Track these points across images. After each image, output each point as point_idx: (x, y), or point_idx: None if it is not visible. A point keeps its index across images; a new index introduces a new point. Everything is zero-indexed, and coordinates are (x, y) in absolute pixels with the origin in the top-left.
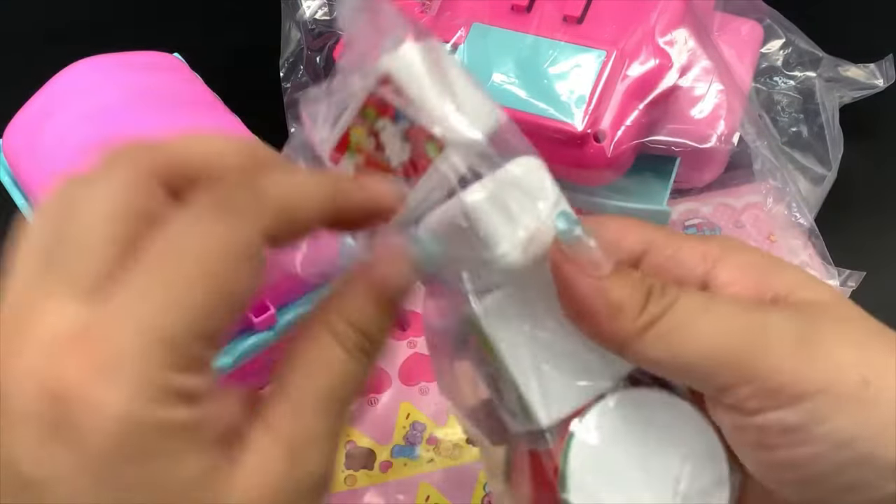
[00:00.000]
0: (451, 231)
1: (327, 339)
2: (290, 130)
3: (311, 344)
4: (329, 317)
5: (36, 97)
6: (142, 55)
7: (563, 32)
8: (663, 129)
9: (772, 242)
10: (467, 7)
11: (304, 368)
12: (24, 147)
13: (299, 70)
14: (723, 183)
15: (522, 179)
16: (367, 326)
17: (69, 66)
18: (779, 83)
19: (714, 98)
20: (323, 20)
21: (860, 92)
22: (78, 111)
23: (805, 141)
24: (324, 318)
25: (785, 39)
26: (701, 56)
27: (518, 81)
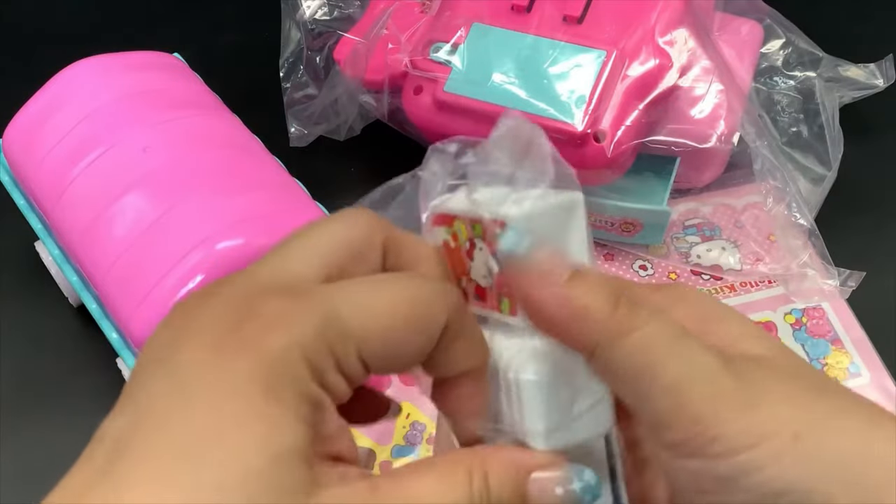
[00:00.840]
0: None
1: (461, 476)
2: (290, 130)
3: (447, 466)
4: (473, 462)
5: (36, 97)
6: (142, 55)
7: (563, 32)
8: (663, 129)
9: (772, 242)
10: (467, 7)
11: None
12: (24, 147)
13: (299, 70)
14: (723, 183)
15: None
16: (497, 494)
17: (69, 66)
18: (779, 83)
19: (714, 98)
20: (323, 20)
21: (860, 92)
22: (78, 111)
23: (805, 141)
24: (466, 459)
25: (785, 39)
26: (701, 56)
27: (518, 81)
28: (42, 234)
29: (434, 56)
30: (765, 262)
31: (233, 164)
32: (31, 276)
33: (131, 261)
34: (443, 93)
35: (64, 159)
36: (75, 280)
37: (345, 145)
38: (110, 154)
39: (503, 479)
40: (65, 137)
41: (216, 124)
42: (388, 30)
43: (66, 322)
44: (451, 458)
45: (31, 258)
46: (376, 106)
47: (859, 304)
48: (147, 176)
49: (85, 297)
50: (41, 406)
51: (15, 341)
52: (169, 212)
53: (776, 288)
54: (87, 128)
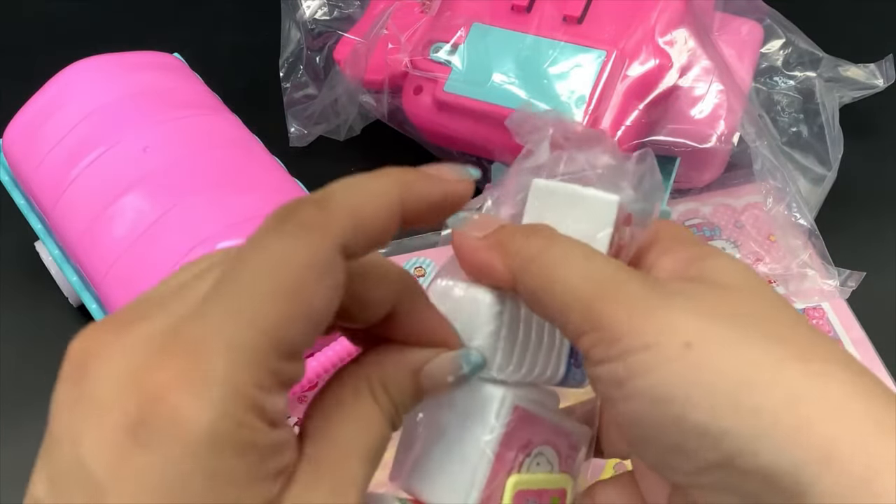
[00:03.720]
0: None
1: (368, 400)
2: (290, 130)
3: (354, 398)
4: (371, 379)
5: (36, 97)
6: (142, 55)
7: (563, 32)
8: (663, 129)
9: (772, 242)
10: (467, 7)
11: (353, 422)
12: (24, 147)
13: (299, 70)
14: (723, 183)
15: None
16: (401, 401)
17: (69, 66)
18: (779, 83)
19: (714, 98)
20: (323, 20)
21: (860, 92)
22: (78, 111)
23: (805, 141)
24: (365, 377)
25: (785, 39)
26: (701, 56)
27: (518, 81)
28: (42, 234)
29: (434, 56)
30: (765, 262)
31: (233, 164)
32: (31, 276)
33: (131, 261)
34: (443, 93)
35: (64, 159)
36: (75, 280)
37: (345, 145)
38: (110, 154)
39: (402, 385)
40: (65, 137)
41: (216, 124)
42: (388, 30)
43: (66, 322)
44: (351, 387)
45: (31, 258)
46: (376, 106)
47: (859, 304)
48: (147, 176)
49: (85, 297)
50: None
51: (15, 341)
52: (169, 212)
53: (776, 288)
54: (87, 128)
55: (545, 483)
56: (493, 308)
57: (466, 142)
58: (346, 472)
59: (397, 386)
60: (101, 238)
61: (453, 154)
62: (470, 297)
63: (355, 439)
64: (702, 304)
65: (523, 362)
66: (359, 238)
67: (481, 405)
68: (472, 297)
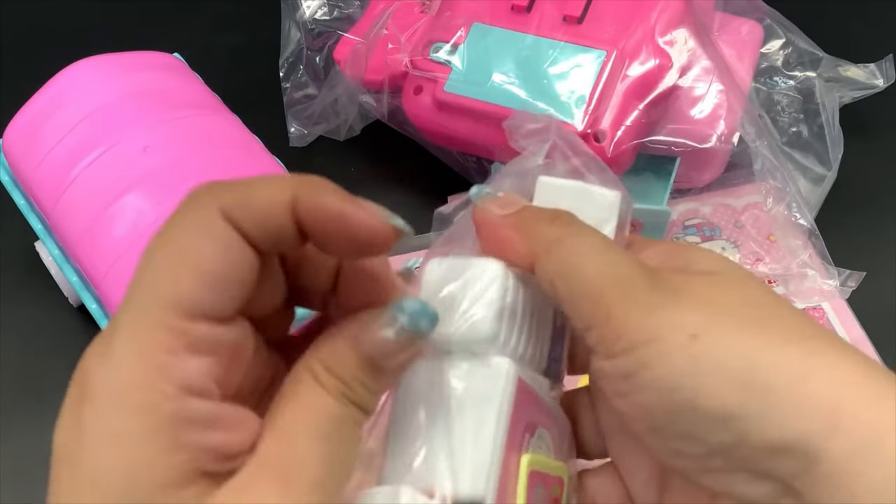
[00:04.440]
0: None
1: (310, 383)
2: (290, 130)
3: (294, 385)
4: (310, 362)
5: (36, 97)
6: (142, 55)
7: (563, 32)
8: (663, 129)
9: (772, 242)
10: (467, 7)
11: (294, 405)
12: (24, 147)
13: (299, 70)
14: (723, 183)
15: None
16: (350, 375)
17: (69, 66)
18: (779, 83)
19: (714, 98)
20: (323, 20)
21: (860, 92)
22: (78, 111)
23: (805, 141)
24: (304, 362)
25: (785, 39)
26: (701, 56)
27: (518, 81)
28: (42, 234)
29: (434, 56)
30: (765, 262)
31: (233, 164)
32: (31, 276)
33: (131, 261)
34: (443, 93)
35: (64, 159)
36: (75, 280)
37: (345, 145)
38: (110, 154)
39: (344, 359)
40: (65, 137)
41: (216, 124)
42: (388, 30)
43: (66, 322)
44: (292, 376)
45: (31, 258)
46: (376, 106)
47: (859, 304)
48: (147, 176)
49: (85, 297)
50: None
51: (15, 341)
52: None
53: (776, 288)
54: (87, 128)
55: (549, 467)
56: (504, 279)
57: (466, 142)
58: (293, 453)
59: (339, 361)
60: (101, 238)
61: (453, 154)
62: (480, 267)
63: (299, 422)
64: (700, 296)
65: (520, 342)
66: (245, 213)
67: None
68: (482, 267)
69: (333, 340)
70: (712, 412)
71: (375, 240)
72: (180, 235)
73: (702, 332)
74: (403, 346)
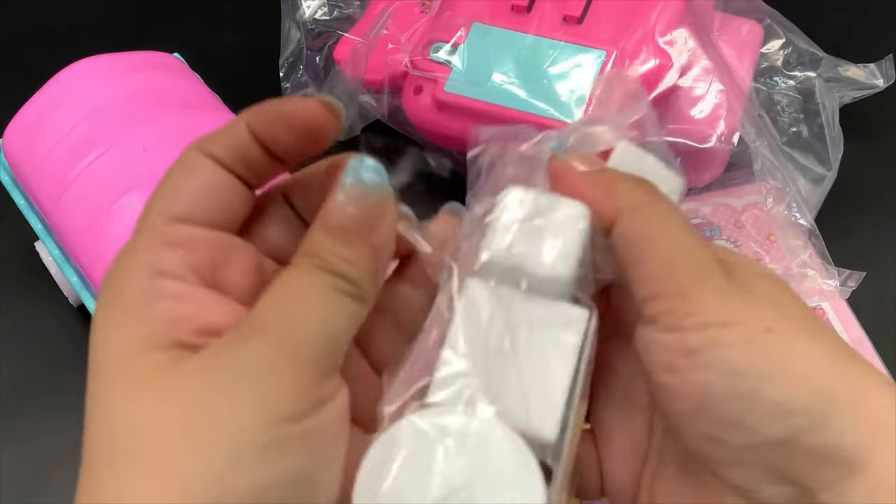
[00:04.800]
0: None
1: (289, 269)
2: None
3: (279, 276)
4: (292, 259)
5: (36, 97)
6: (142, 55)
7: (563, 32)
8: (663, 129)
9: (772, 242)
10: (467, 7)
11: (272, 288)
12: (24, 147)
13: (299, 70)
14: (723, 183)
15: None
16: (318, 251)
17: (69, 66)
18: (779, 83)
19: (714, 98)
20: (323, 20)
21: (860, 92)
22: (78, 111)
23: (805, 141)
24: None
25: (785, 39)
26: (701, 56)
27: (518, 81)
28: (42, 234)
29: (434, 56)
30: (765, 262)
31: None
32: (31, 276)
33: None
34: (443, 93)
35: (64, 159)
36: (75, 280)
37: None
38: (110, 154)
39: (314, 240)
40: (65, 137)
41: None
42: (388, 30)
43: (66, 322)
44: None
45: (31, 258)
46: (376, 106)
47: (859, 304)
48: (147, 176)
49: (85, 297)
50: (41, 406)
51: (15, 341)
52: None
53: None
54: (87, 128)
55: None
56: (589, 224)
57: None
58: (278, 313)
59: (310, 242)
60: (101, 238)
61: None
62: (568, 207)
63: (278, 294)
64: (767, 296)
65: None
66: (213, 142)
67: (571, 325)
68: (571, 208)
69: (307, 232)
70: (773, 404)
71: (314, 120)
72: (170, 172)
73: (775, 328)
74: (360, 204)
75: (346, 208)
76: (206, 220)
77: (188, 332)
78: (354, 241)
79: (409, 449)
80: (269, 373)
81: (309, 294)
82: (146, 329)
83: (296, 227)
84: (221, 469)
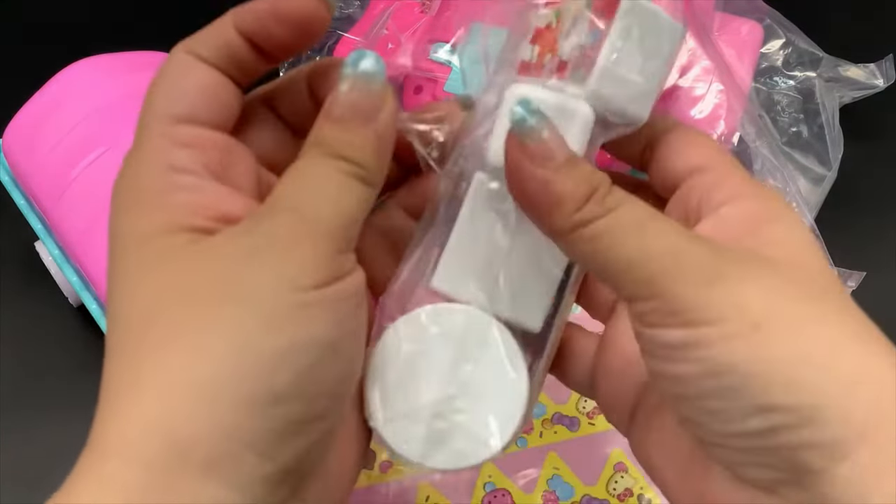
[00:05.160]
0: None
1: (297, 161)
2: None
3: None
4: (305, 149)
5: (36, 97)
6: (142, 55)
7: None
8: None
9: None
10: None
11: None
12: (24, 147)
13: None
14: None
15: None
16: (323, 138)
17: (69, 66)
18: (779, 83)
19: (714, 98)
20: None
21: (860, 92)
22: (78, 111)
23: (805, 141)
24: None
25: (785, 39)
26: (701, 56)
27: None
28: (42, 234)
29: (434, 56)
30: None
31: None
32: (31, 276)
33: None
34: (443, 93)
35: (64, 159)
36: (75, 280)
37: None
38: (110, 154)
39: (319, 131)
40: (65, 137)
41: None
42: (388, 30)
43: (66, 322)
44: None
45: (31, 258)
46: None
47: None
48: None
49: (85, 297)
50: (41, 406)
51: (15, 341)
52: None
53: None
54: (87, 128)
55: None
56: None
57: None
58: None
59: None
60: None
61: None
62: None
63: (288, 181)
64: (766, 281)
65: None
66: (200, 42)
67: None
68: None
69: (313, 125)
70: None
71: (306, 12)
72: (161, 70)
73: (763, 323)
74: (361, 92)
75: (348, 96)
76: (208, 121)
77: (207, 218)
78: (358, 128)
79: (411, 346)
80: (290, 242)
81: (321, 177)
82: (165, 216)
83: (282, 133)
84: (252, 331)
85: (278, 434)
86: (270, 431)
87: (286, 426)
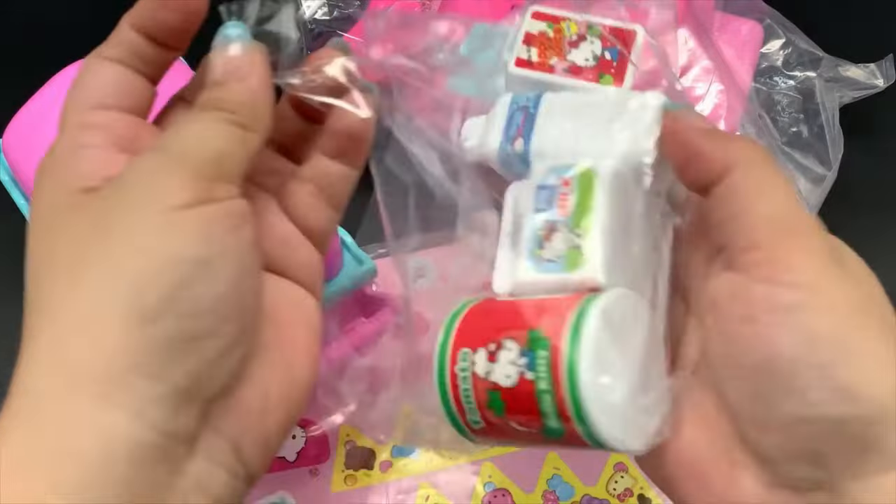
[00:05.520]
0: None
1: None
2: None
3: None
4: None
5: (36, 97)
6: None
7: None
8: None
9: None
10: (467, 7)
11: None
12: (24, 147)
13: None
14: None
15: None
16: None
17: (69, 66)
18: (779, 83)
19: (714, 98)
20: (323, 20)
21: (860, 92)
22: None
23: (805, 141)
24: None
25: (785, 39)
26: (701, 56)
27: None
28: None
29: None
30: None
31: None
32: None
33: None
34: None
35: None
36: None
37: None
38: None
39: (203, 93)
40: None
41: None
42: None
43: None
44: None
45: None
46: None
47: None
48: None
49: None
50: None
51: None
52: None
53: None
54: None
55: None
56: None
57: None
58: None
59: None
60: None
61: None
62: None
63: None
64: (864, 281)
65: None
66: (106, 45)
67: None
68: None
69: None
70: (847, 385)
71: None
72: (77, 77)
73: (864, 310)
74: (228, 55)
75: (216, 61)
76: (116, 105)
77: (100, 179)
78: (230, 85)
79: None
80: (154, 172)
81: (193, 122)
82: (67, 183)
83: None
84: (120, 255)
85: (161, 353)
86: (152, 351)
87: (167, 344)
